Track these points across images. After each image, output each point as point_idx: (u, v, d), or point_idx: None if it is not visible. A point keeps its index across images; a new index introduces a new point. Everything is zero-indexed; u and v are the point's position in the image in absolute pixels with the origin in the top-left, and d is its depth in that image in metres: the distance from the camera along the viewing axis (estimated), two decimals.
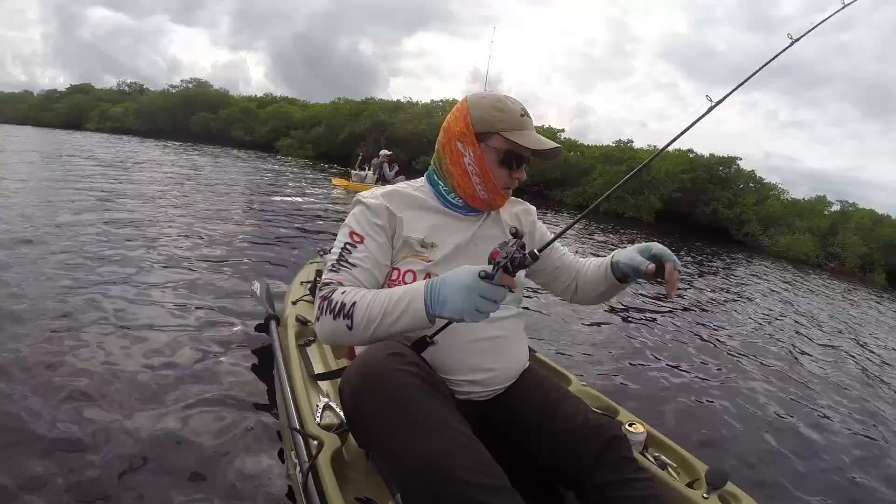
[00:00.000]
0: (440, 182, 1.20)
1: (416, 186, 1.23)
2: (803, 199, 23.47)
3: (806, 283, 11.27)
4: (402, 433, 0.85)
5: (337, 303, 0.99)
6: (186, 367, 2.08)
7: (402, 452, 0.85)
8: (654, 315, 4.51)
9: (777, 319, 5.77)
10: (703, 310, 5.34)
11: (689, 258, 10.48)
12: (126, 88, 52.66)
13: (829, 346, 5.02)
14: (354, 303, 0.98)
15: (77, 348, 2.11)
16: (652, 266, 1.10)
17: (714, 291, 6.83)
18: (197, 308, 2.74)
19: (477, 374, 1.11)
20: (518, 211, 1.33)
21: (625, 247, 1.21)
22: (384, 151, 12.36)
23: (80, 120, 45.35)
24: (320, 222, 6.66)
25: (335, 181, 13.02)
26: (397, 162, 12.74)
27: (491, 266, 0.88)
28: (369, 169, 12.29)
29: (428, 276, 1.09)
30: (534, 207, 1.38)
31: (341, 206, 8.63)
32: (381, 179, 11.70)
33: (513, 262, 0.87)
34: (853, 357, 4.75)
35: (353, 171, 13.02)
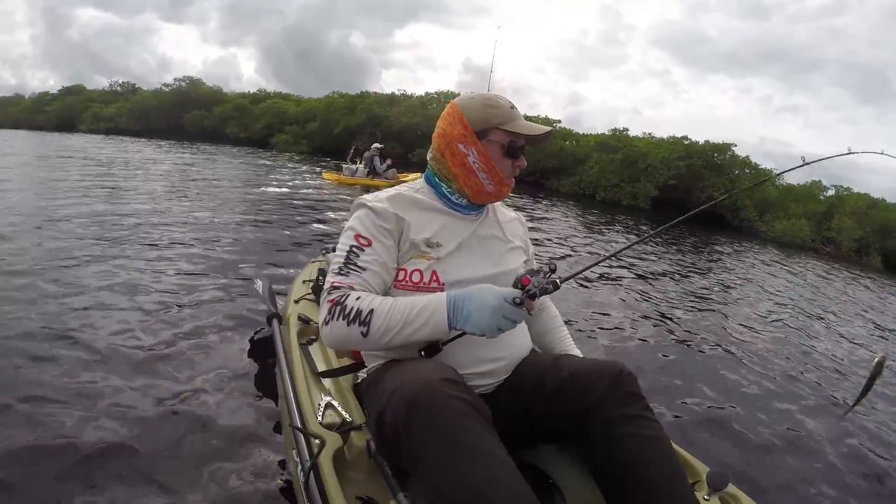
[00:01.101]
0: (442, 185, 1.23)
1: (417, 189, 1.25)
2: (798, 184, 23.46)
3: (803, 268, 11.31)
4: (452, 462, 0.87)
5: (352, 309, 1.01)
6: (188, 364, 2.10)
7: (446, 481, 0.86)
8: (652, 309, 4.54)
9: (778, 309, 5.80)
10: (702, 302, 5.37)
11: (686, 245, 10.51)
12: (118, 89, 52.08)
13: (831, 335, 5.04)
14: (372, 310, 1.00)
15: (76, 344, 2.13)
16: None
17: (713, 281, 6.87)
18: (199, 306, 2.76)
19: (486, 366, 1.15)
20: (514, 217, 1.40)
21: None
22: (376, 145, 12.40)
23: (72, 122, 44.88)
24: (320, 220, 6.68)
25: (325, 175, 12.99)
26: (390, 155, 12.73)
27: (519, 291, 0.98)
28: (360, 162, 12.30)
29: (434, 273, 1.13)
30: (523, 217, 1.44)
31: (339, 202, 8.62)
32: (373, 173, 11.76)
33: (542, 291, 0.98)
34: (858, 347, 4.77)
35: (344, 165, 13.02)
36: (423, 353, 1.08)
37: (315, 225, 6.20)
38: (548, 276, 1.01)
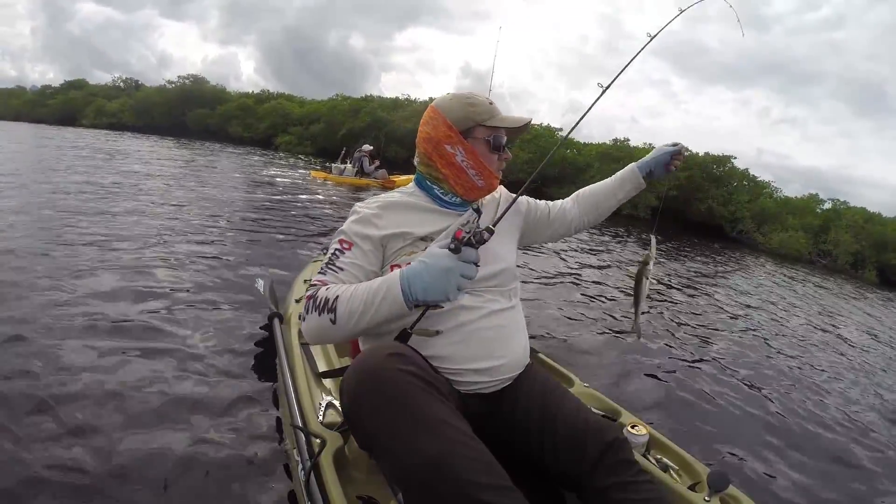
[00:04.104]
0: (434, 186, 1.26)
1: (409, 193, 1.29)
2: (795, 196, 23.57)
3: (800, 280, 11.33)
4: (403, 433, 0.87)
5: (321, 299, 1.04)
6: (188, 364, 2.10)
7: (403, 452, 0.87)
8: (654, 315, 4.53)
9: (779, 319, 5.77)
10: (703, 309, 5.36)
11: (685, 255, 10.53)
12: (121, 84, 52.05)
13: (830, 343, 5.03)
14: (337, 297, 1.03)
15: (76, 344, 2.13)
16: (677, 148, 1.43)
17: (713, 290, 6.86)
18: (200, 306, 2.76)
19: (482, 363, 1.15)
20: (496, 197, 1.40)
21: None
22: (365, 146, 12.59)
23: (74, 116, 44.82)
24: (322, 220, 6.68)
25: (313, 173, 13.13)
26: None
27: (454, 245, 0.97)
28: (350, 162, 12.48)
29: None
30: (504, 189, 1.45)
31: (338, 202, 8.63)
32: (361, 173, 11.99)
33: (476, 237, 0.98)
34: (855, 355, 4.77)
35: (332, 165, 13.22)
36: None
37: (315, 224, 6.21)
38: (477, 220, 1.07)
